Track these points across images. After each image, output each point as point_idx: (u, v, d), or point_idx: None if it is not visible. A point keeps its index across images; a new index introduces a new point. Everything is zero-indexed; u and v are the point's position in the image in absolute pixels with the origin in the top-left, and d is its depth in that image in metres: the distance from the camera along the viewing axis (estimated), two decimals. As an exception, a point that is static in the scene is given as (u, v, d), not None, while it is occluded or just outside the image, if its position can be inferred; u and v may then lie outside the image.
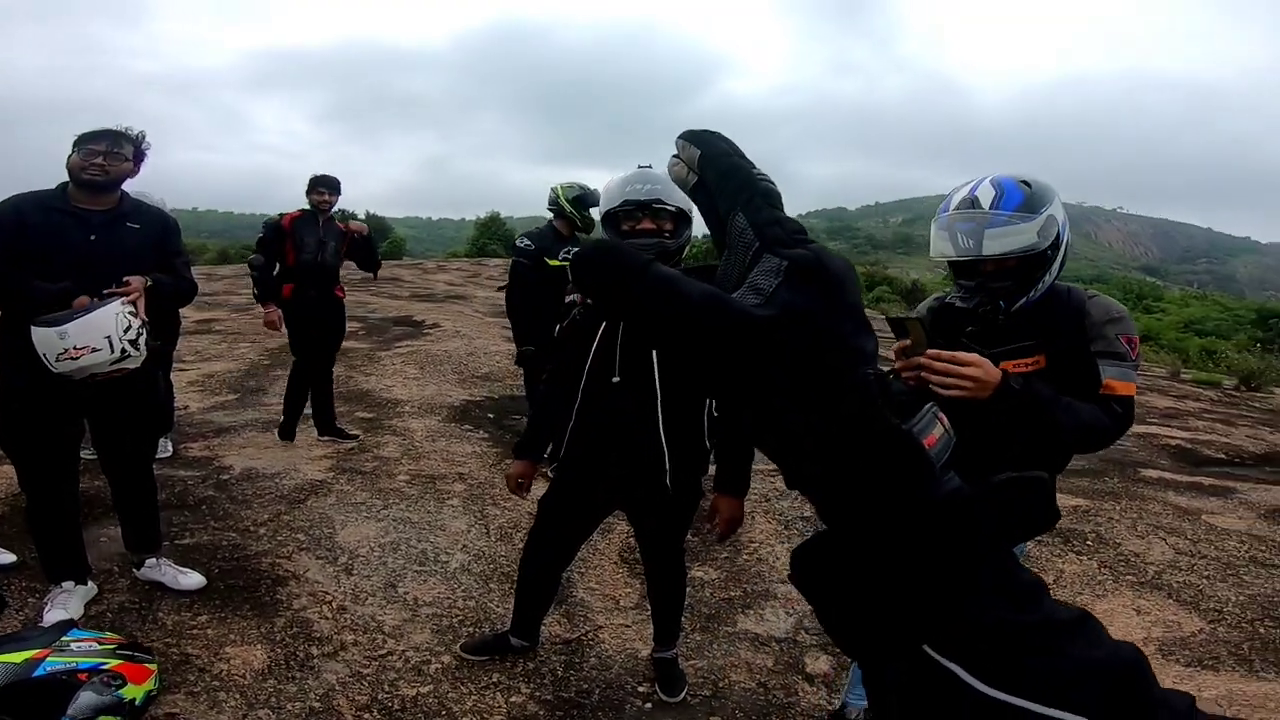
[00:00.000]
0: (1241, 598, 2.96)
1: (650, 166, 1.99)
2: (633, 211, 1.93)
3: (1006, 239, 1.51)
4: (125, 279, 2.25)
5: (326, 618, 2.56)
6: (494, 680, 2.28)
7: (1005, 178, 1.58)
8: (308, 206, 4.29)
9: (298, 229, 4.22)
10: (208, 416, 4.91)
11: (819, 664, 2.46)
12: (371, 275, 5.01)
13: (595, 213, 3.73)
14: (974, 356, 1.46)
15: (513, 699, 2.19)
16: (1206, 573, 3.19)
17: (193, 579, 2.65)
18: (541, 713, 2.16)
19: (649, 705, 2.24)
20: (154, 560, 2.65)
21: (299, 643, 2.40)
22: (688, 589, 2.91)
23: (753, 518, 3.61)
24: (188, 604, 2.55)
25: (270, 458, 4.11)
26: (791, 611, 2.77)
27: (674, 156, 0.68)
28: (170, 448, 4.09)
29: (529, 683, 2.28)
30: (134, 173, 2.40)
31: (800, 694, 2.30)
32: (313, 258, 4.24)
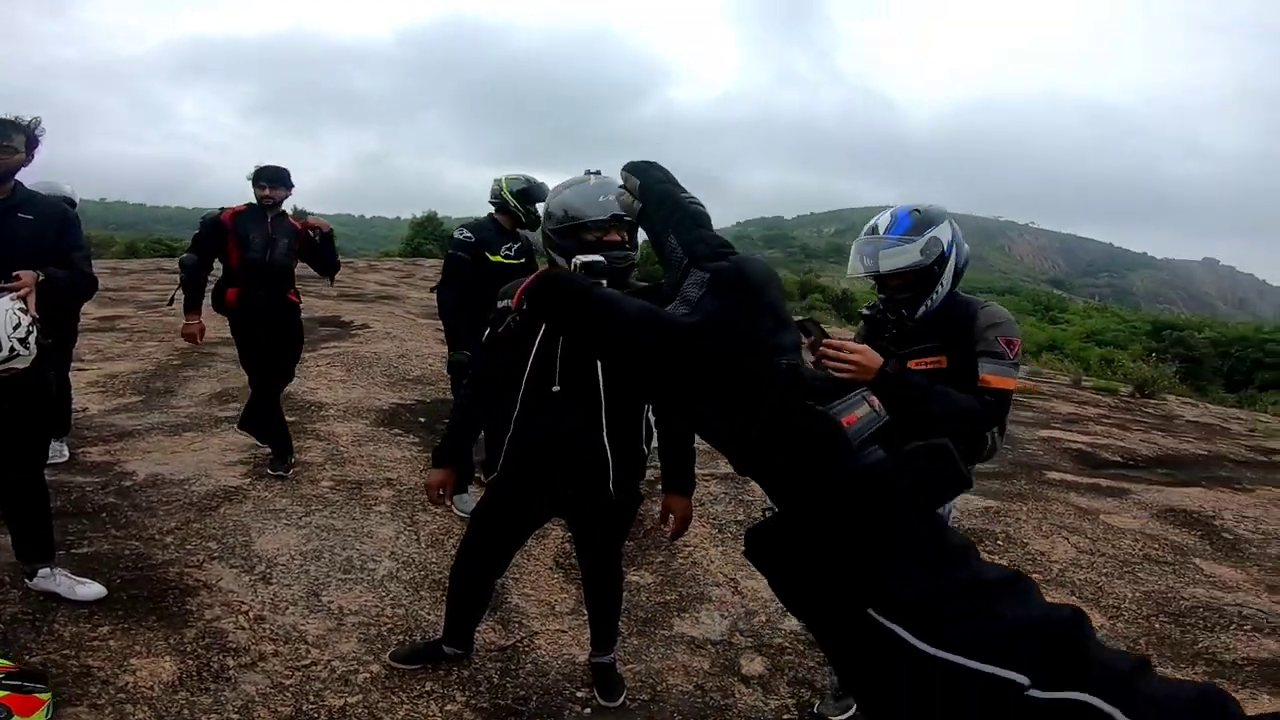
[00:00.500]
0: (1137, 594, 3.19)
1: (600, 173, 1.94)
2: (606, 223, 1.86)
3: (895, 258, 1.85)
4: (15, 274, 2.12)
5: (243, 628, 2.44)
6: (427, 689, 2.22)
7: (903, 207, 1.92)
8: (254, 200, 3.81)
9: (241, 225, 3.73)
10: (109, 419, 4.58)
11: (754, 666, 2.50)
12: (329, 280, 4.42)
13: (540, 207, 3.59)
14: (858, 345, 1.79)
15: (448, 707, 2.14)
16: (1105, 570, 3.42)
17: (91, 589, 2.48)
18: (477, 721, 2.12)
19: (588, 711, 2.23)
20: (48, 570, 2.46)
21: (212, 654, 2.27)
22: (624, 593, 2.92)
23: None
24: (86, 615, 2.38)
25: (178, 463, 3.87)
26: (726, 614, 2.82)
27: (620, 186, 0.76)
28: (66, 452, 3.80)
29: (464, 690, 2.23)
30: (27, 162, 2.28)
31: (737, 695, 2.33)
32: (260, 256, 3.74)
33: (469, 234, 3.61)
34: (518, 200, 3.64)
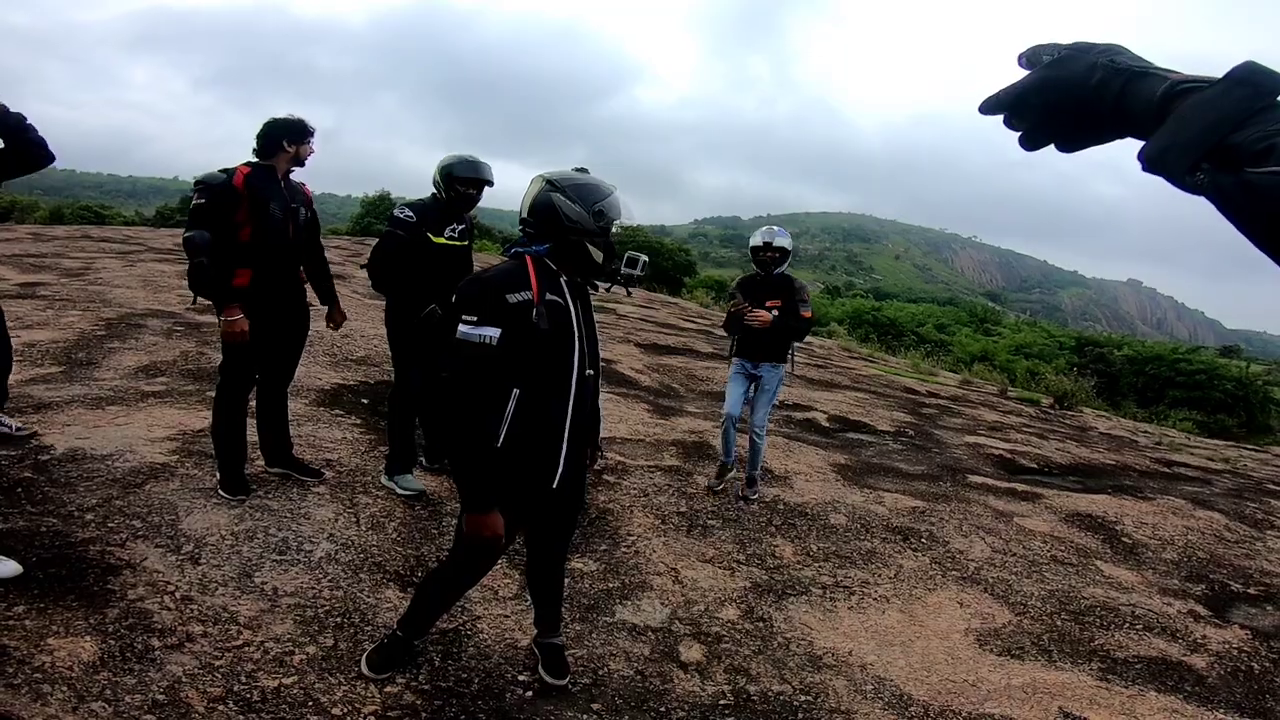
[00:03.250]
0: (1043, 592, 3.41)
1: (587, 171, 2.07)
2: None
3: (781, 240, 4.06)
4: None
5: (169, 608, 2.37)
6: (365, 671, 2.21)
7: (780, 228, 4.15)
8: (255, 159, 3.12)
9: (256, 189, 3.02)
10: (25, 390, 4.33)
11: (692, 653, 2.58)
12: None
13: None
14: (760, 311, 3.91)
15: (387, 689, 2.14)
16: (1015, 569, 3.65)
17: (6, 566, 2.37)
18: (419, 702, 2.12)
19: (529, 694, 2.26)
20: (-42, 547, 2.33)
21: (136, 634, 2.20)
22: (567, 580, 2.96)
23: (631, 511, 3.72)
24: (1, 594, 2.27)
25: (100, 438, 3.69)
26: (666, 602, 2.89)
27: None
28: (12, 424, 3.56)
29: (404, 672, 2.23)
30: None
31: (675, 681, 2.41)
32: (283, 230, 3.10)
33: (410, 213, 3.35)
34: (440, 177, 3.40)
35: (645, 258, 2.22)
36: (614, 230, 2.02)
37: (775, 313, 3.90)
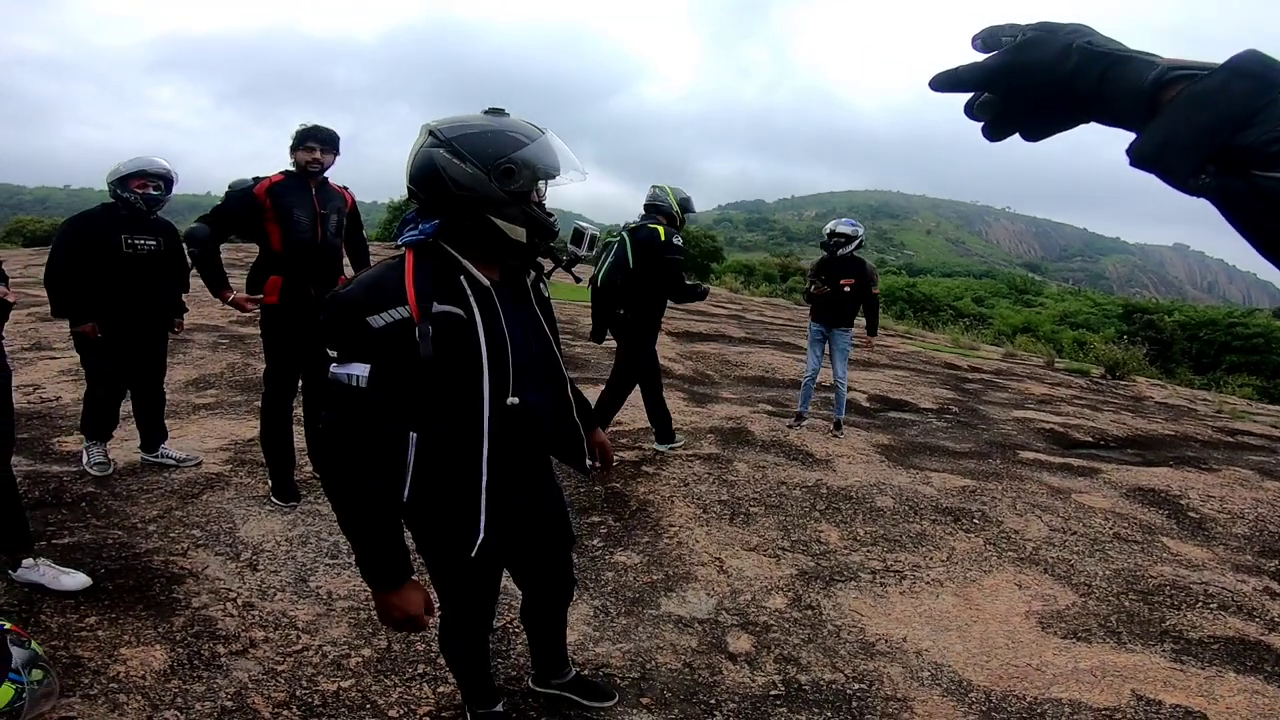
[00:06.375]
0: (1107, 572, 3.29)
1: (503, 112, 1.46)
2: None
3: (843, 228, 5.16)
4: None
5: (231, 615, 2.44)
6: (420, 671, 2.24)
7: (849, 218, 5.34)
8: (291, 168, 3.22)
9: (282, 199, 3.11)
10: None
11: (741, 643, 2.56)
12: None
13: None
14: (821, 285, 5.10)
15: (440, 689, 2.16)
16: (1077, 549, 3.52)
17: (76, 579, 2.46)
18: (469, 702, 2.14)
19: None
20: (30, 561, 2.44)
21: (203, 641, 2.27)
22: (612, 574, 2.96)
23: (672, 502, 3.70)
24: (73, 605, 2.37)
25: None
26: (712, 593, 2.87)
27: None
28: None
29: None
30: None
31: (725, 672, 2.38)
32: (310, 237, 3.17)
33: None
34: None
35: (594, 230, 1.71)
36: (543, 189, 1.46)
37: (848, 289, 4.99)
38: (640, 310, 4.11)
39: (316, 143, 3.18)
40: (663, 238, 4.00)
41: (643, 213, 4.28)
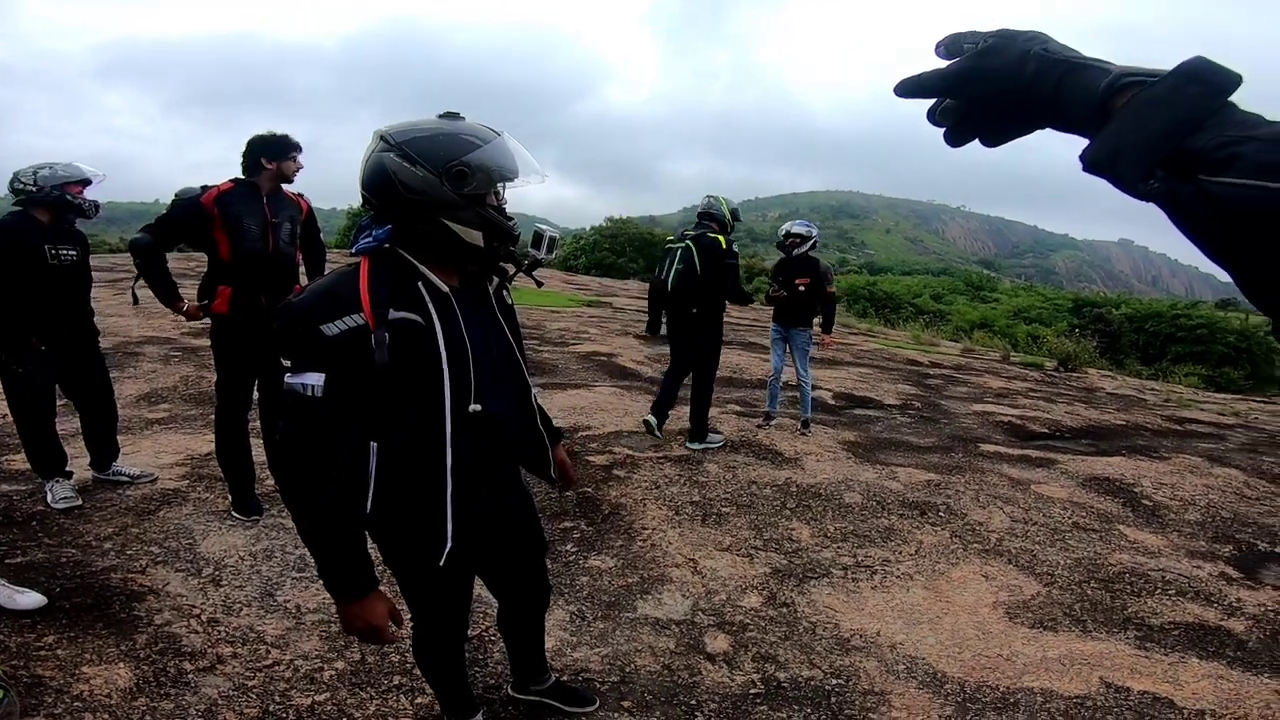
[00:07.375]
0: (1069, 561, 3.39)
1: (458, 116, 1.46)
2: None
3: (798, 229, 5.32)
4: None
5: (196, 631, 2.37)
6: (395, 683, 2.20)
7: (803, 220, 5.47)
8: (242, 176, 3.13)
9: (229, 207, 3.02)
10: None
11: (718, 643, 2.57)
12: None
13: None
14: (779, 289, 5.26)
15: (418, 700, 2.13)
16: (1038, 539, 3.63)
17: (31, 598, 2.38)
18: (446, 713, 2.11)
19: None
20: (-20, 582, 2.33)
21: (168, 658, 2.20)
22: (586, 578, 2.95)
23: (644, 505, 3.71)
24: (29, 625, 2.28)
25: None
26: (688, 594, 2.88)
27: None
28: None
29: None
30: None
31: (704, 673, 2.39)
32: (260, 246, 3.08)
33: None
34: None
35: (554, 233, 1.64)
36: (502, 192, 1.44)
37: (803, 288, 5.13)
38: (708, 308, 4.69)
39: (296, 150, 3.18)
40: (724, 245, 4.56)
41: (697, 221, 4.81)
